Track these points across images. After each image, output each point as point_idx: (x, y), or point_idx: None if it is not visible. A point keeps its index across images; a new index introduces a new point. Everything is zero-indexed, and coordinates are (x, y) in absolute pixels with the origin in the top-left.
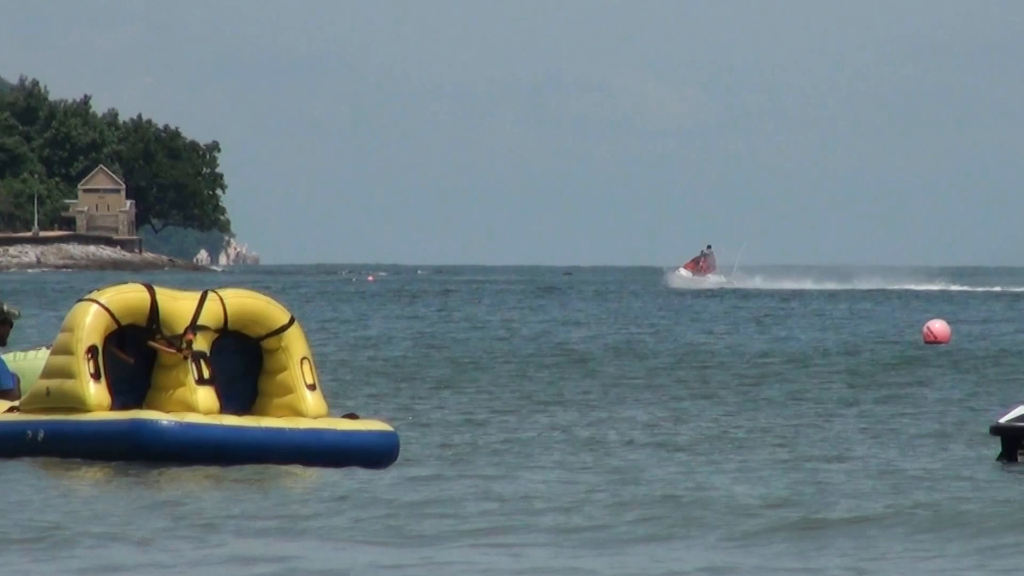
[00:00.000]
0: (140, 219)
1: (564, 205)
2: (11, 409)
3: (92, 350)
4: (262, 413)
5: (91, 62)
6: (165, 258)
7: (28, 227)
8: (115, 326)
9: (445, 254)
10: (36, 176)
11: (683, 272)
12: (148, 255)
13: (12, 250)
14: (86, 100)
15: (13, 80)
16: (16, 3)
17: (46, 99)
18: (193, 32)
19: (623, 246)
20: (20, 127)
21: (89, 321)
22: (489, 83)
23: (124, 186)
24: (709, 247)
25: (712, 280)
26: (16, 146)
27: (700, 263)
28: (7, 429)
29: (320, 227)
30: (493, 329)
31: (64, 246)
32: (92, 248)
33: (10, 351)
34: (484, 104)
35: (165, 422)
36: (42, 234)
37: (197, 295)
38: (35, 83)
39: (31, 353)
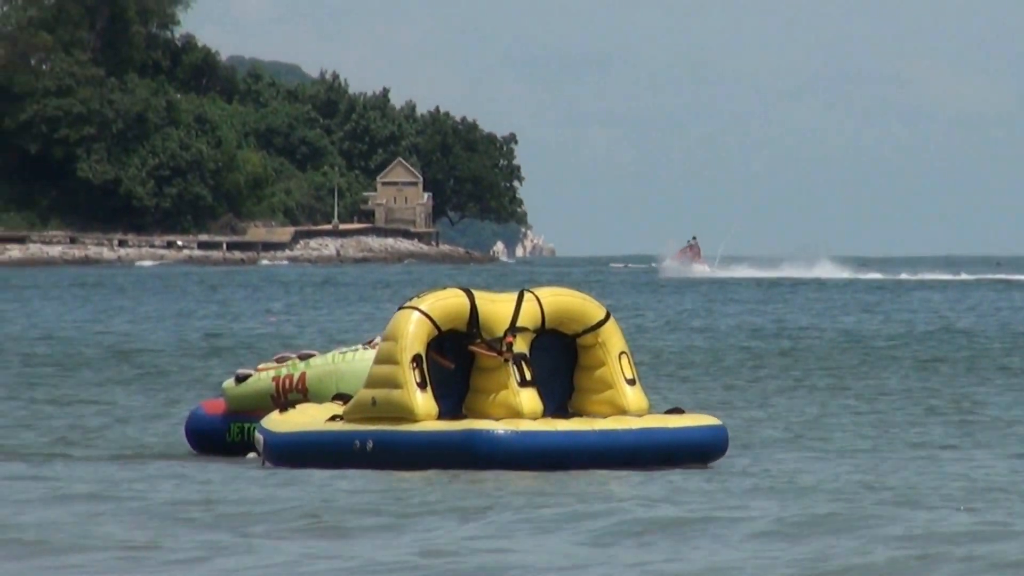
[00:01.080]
0: (437, 212)
1: (862, 192)
2: (333, 418)
3: (417, 359)
4: (579, 409)
5: (390, 55)
6: (462, 250)
7: (328, 220)
8: (436, 333)
9: (760, 246)
10: (336, 169)
11: (669, 262)
12: (445, 248)
13: (313, 243)
14: (385, 93)
15: (314, 73)
16: None
17: (346, 92)
18: (491, 25)
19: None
20: (321, 120)
21: (412, 330)
22: (794, 75)
23: (422, 179)
24: (694, 238)
25: (697, 269)
26: (317, 139)
27: (688, 252)
28: (334, 438)
29: (615, 218)
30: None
31: (363, 239)
32: (390, 241)
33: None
34: (790, 94)
35: (500, 431)
36: (342, 227)
37: (514, 297)
38: (335, 76)
39: (349, 354)
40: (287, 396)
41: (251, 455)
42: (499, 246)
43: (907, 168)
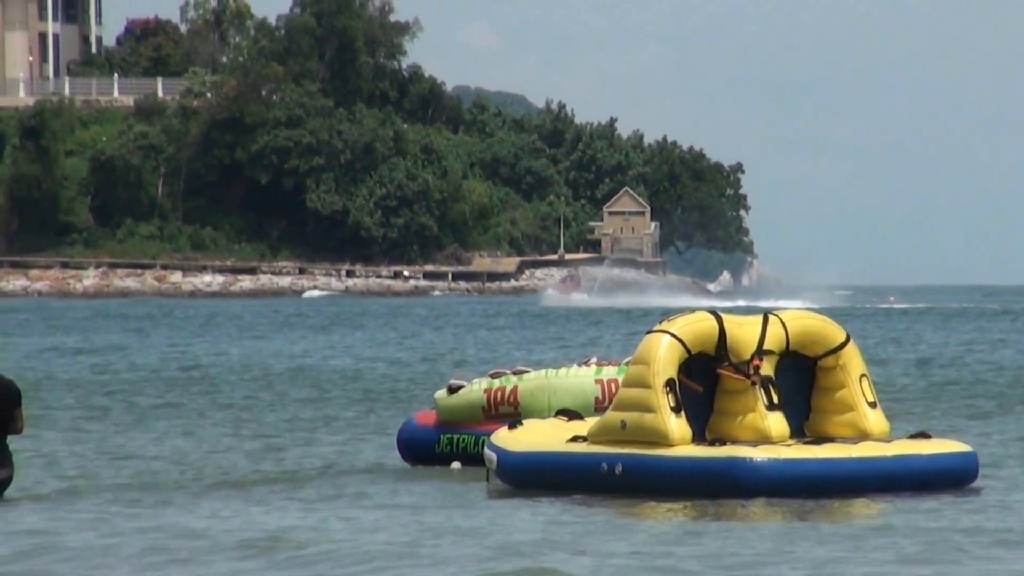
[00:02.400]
0: (664, 241)
1: None
2: (575, 439)
3: (670, 383)
4: (817, 431)
5: (616, 85)
6: (689, 280)
7: (554, 250)
8: (687, 356)
9: (990, 273)
10: (562, 199)
11: (550, 291)
12: (672, 277)
13: (539, 272)
14: (611, 123)
15: (540, 103)
16: (543, 28)
17: (572, 122)
18: (717, 54)
19: None
20: (547, 150)
21: (664, 353)
22: (1009, 101)
23: (648, 208)
24: (576, 268)
25: (576, 298)
26: (543, 169)
27: (567, 283)
28: (579, 460)
29: (841, 248)
30: None
31: (589, 268)
32: (617, 270)
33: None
34: (1005, 123)
35: (762, 458)
36: (567, 257)
37: (759, 320)
38: (561, 106)
39: (563, 370)
40: (498, 409)
41: (455, 465)
42: (725, 275)
43: None
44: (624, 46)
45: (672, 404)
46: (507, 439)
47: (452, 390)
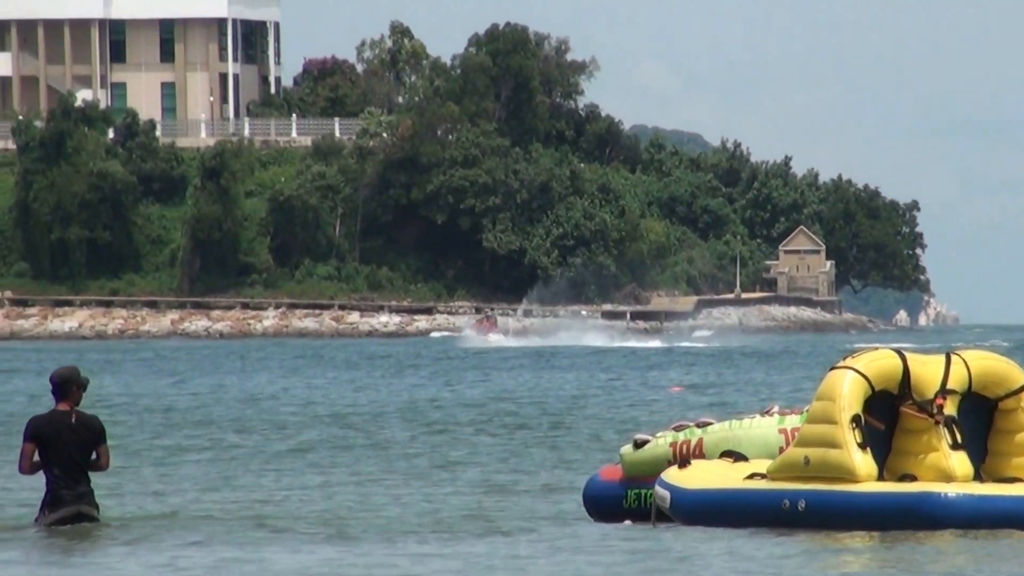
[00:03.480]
0: (840, 280)
1: None
2: (752, 476)
3: (856, 419)
4: (995, 474)
5: (791, 123)
6: (865, 319)
7: (731, 288)
8: (870, 393)
9: None
10: (739, 237)
11: (468, 332)
12: (848, 316)
13: (716, 312)
14: (787, 161)
15: (715, 142)
16: (718, 67)
17: (748, 160)
18: (892, 93)
19: None
20: (723, 189)
21: (849, 390)
22: None
23: (824, 247)
24: (492, 309)
25: (493, 339)
26: (720, 207)
27: (484, 324)
28: (760, 497)
29: (1020, 285)
30: None
31: (765, 307)
32: (792, 309)
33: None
34: None
35: (954, 494)
36: (744, 296)
37: (942, 359)
38: (737, 145)
39: (746, 421)
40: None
41: (626, 523)
42: (901, 314)
43: None
44: (799, 84)
45: (858, 440)
46: (680, 477)
47: (638, 445)
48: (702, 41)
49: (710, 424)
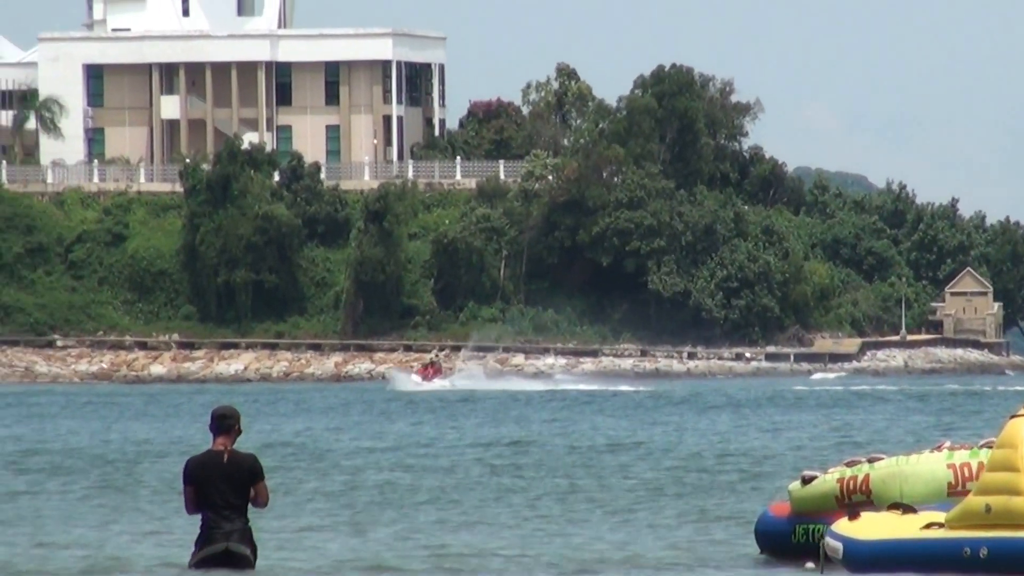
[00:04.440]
0: (1007, 322)
1: None
2: (929, 525)
3: None
4: None
5: (958, 165)
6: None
7: (896, 330)
8: None
9: None
10: (904, 279)
11: (414, 377)
12: (1015, 358)
13: (880, 354)
14: (953, 203)
15: (880, 183)
16: (882, 108)
17: (913, 202)
18: None
19: None
20: (888, 231)
21: None
22: None
23: (991, 289)
24: (438, 354)
25: (438, 384)
26: (885, 249)
27: (429, 369)
28: (938, 546)
29: None
30: None
31: (931, 350)
32: (959, 351)
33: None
34: None
35: None
36: (909, 338)
37: None
38: (902, 186)
39: (914, 456)
40: (851, 497)
41: (808, 565)
42: None
43: None
44: (966, 126)
45: None
46: (853, 529)
47: (806, 481)
48: (866, 82)
49: (880, 459)
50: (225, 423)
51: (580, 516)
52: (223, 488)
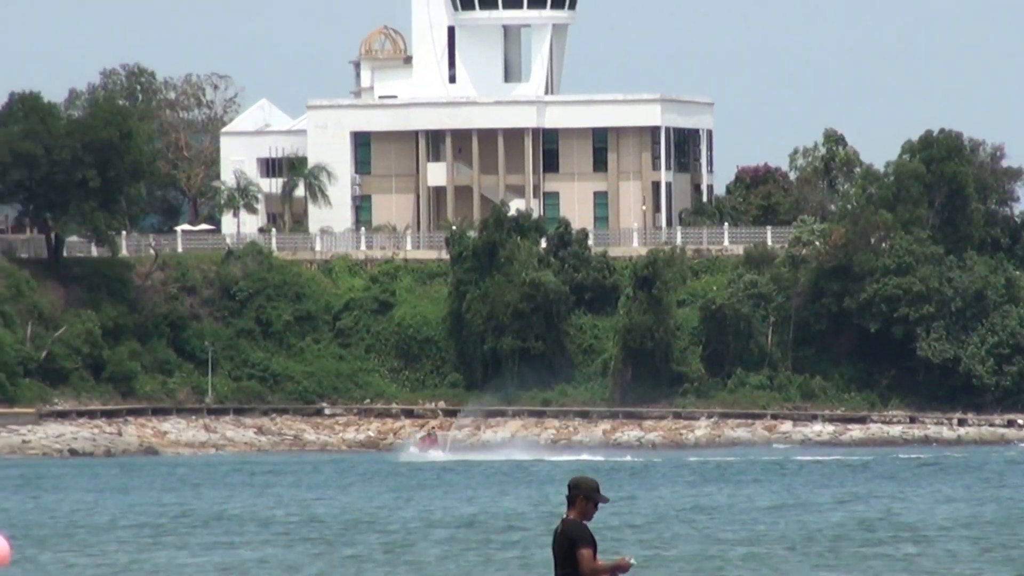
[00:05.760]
0: None
1: None
2: None
3: None
4: None
5: None
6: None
7: None
8: None
9: None
10: None
11: (413, 449)
12: None
13: None
14: None
15: None
16: None
17: None
18: None
19: None
20: None
21: None
22: None
23: None
24: (433, 428)
25: (433, 455)
26: None
27: (426, 441)
28: None
29: None
30: None
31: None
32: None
33: None
34: None
35: None
36: None
37: None
38: None
39: None
40: None
41: None
42: None
43: None
44: None
45: None
46: None
47: None
48: None
49: None
50: (571, 493)
51: None
52: (556, 558)
